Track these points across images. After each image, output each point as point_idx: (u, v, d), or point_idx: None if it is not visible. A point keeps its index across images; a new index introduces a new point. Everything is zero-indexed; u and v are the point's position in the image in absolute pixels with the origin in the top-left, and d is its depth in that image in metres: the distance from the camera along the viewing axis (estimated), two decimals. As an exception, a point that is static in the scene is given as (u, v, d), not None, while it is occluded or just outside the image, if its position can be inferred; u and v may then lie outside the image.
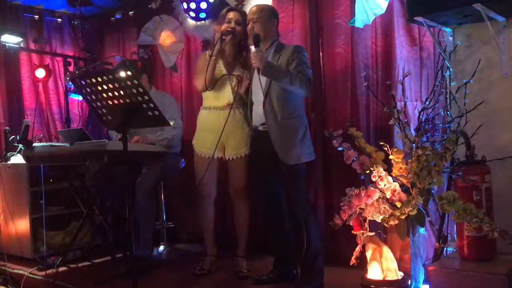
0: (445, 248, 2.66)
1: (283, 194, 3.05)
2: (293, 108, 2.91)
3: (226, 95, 3.27)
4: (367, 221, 2.64)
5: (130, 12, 4.90)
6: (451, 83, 2.83)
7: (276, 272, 3.13)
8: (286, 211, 3.05)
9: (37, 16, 4.98)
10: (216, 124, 3.25)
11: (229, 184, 3.40)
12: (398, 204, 2.55)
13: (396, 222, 2.56)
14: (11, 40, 4.37)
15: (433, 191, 2.62)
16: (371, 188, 2.60)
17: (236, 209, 3.39)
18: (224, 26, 3.21)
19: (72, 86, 4.16)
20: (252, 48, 3.01)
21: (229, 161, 3.31)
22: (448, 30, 2.89)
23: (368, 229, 2.66)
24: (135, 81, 2.50)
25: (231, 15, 3.23)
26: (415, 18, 2.64)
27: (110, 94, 2.61)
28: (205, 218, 3.45)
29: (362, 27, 3.13)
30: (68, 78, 4.43)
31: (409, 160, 2.58)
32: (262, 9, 3.02)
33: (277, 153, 2.90)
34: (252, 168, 3.22)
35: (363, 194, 2.58)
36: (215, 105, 3.32)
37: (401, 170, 2.63)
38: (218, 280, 3.27)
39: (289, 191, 2.97)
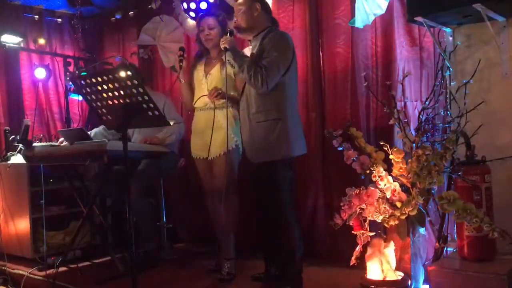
0: (445, 248, 2.66)
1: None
2: (268, 108, 2.76)
3: (204, 96, 3.28)
4: (367, 221, 2.64)
5: (130, 12, 4.91)
6: (451, 83, 2.83)
7: (272, 270, 3.11)
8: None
9: (37, 16, 4.98)
10: (197, 126, 3.35)
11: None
12: (398, 204, 2.55)
13: (396, 222, 2.56)
14: (11, 40, 4.36)
15: (433, 191, 2.62)
16: (371, 188, 2.60)
17: (222, 209, 3.28)
18: (178, 53, 3.36)
19: (72, 86, 4.16)
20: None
21: (212, 161, 3.28)
22: (448, 30, 2.89)
23: (368, 229, 2.66)
24: (135, 81, 2.50)
25: (202, 23, 3.30)
26: (415, 18, 2.64)
27: (110, 94, 2.61)
28: (210, 214, 3.46)
29: (362, 27, 3.13)
30: (68, 78, 4.43)
31: (409, 160, 2.58)
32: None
33: (245, 151, 2.95)
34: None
35: (363, 194, 2.58)
36: (198, 106, 3.36)
37: (401, 170, 2.63)
38: (217, 280, 3.26)
39: (258, 190, 2.93)
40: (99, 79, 2.59)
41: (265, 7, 2.94)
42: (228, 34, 2.94)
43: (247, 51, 3.44)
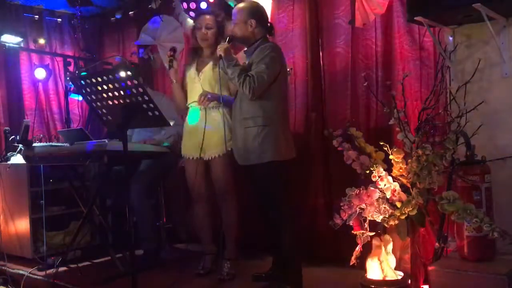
0: (445, 248, 2.66)
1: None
2: (256, 115, 2.85)
3: (197, 95, 3.23)
4: (367, 221, 2.64)
5: (130, 12, 4.91)
6: (451, 83, 2.83)
7: (275, 270, 3.12)
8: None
9: (37, 16, 4.98)
10: (190, 125, 3.30)
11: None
12: (398, 204, 2.55)
13: (396, 222, 2.55)
14: (11, 40, 4.37)
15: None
16: (371, 188, 2.59)
17: (222, 210, 3.30)
18: (168, 53, 3.33)
19: (72, 86, 4.16)
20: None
21: (209, 162, 3.25)
22: (448, 30, 2.88)
23: (368, 229, 2.66)
24: (135, 81, 2.51)
25: (200, 21, 3.28)
26: (415, 18, 2.64)
27: (110, 94, 2.61)
28: (197, 218, 3.43)
29: (362, 27, 3.13)
30: (68, 78, 4.43)
31: (409, 160, 2.57)
32: (239, 10, 2.98)
33: (234, 153, 3.01)
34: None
35: (363, 194, 2.58)
36: (191, 105, 3.31)
37: (401, 170, 2.63)
38: (217, 280, 3.25)
39: (257, 190, 3.00)
40: (99, 79, 2.59)
41: (261, 22, 2.97)
42: (227, 41, 2.95)
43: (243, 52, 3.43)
